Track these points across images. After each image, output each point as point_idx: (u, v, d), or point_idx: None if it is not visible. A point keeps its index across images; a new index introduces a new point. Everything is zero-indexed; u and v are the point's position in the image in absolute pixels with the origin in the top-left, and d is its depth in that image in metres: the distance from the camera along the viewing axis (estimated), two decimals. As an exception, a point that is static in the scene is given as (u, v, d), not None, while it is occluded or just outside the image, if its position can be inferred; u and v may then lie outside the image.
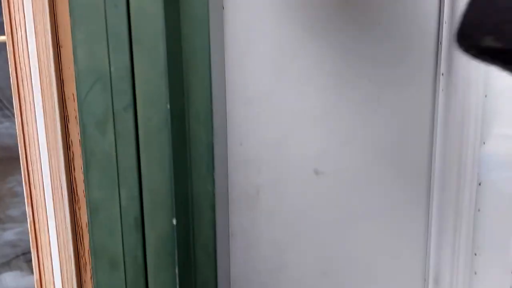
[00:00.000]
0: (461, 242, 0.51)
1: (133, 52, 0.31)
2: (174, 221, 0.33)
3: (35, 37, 0.46)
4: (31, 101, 0.47)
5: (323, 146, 0.49)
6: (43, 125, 0.48)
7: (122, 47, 0.31)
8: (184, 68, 0.34)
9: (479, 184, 0.52)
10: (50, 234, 0.50)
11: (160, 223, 0.33)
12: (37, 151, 0.49)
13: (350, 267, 0.52)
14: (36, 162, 0.49)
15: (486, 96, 0.48)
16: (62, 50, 0.47)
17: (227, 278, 0.49)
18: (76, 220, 0.51)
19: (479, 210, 0.52)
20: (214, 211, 0.37)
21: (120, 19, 0.30)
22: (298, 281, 0.52)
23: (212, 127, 0.36)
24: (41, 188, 0.49)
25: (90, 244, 0.35)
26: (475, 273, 0.53)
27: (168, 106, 0.31)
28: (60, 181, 0.49)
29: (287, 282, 0.52)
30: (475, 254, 0.53)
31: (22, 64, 0.47)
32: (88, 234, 0.51)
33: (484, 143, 0.50)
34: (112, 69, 0.31)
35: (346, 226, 0.51)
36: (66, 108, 0.48)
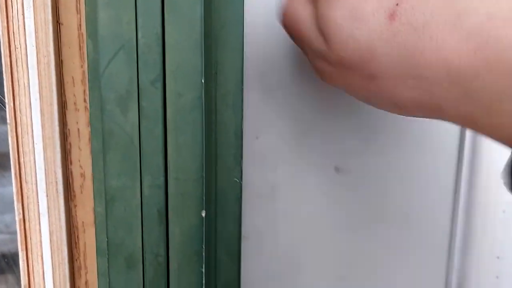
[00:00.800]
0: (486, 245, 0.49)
1: (165, 16, 0.27)
2: (203, 213, 0.29)
3: (33, 11, 0.41)
4: (26, 84, 0.42)
5: (345, 141, 0.46)
6: (39, 112, 0.43)
7: (153, 10, 0.27)
8: (213, 41, 0.30)
9: (504, 184, 0.49)
10: (42, 234, 0.44)
11: (187, 215, 0.29)
12: (30, 141, 0.43)
13: (369, 272, 0.49)
14: (29, 153, 0.43)
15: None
16: (62, 28, 0.43)
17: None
18: (71, 219, 0.46)
19: (504, 211, 0.49)
20: (241, 205, 0.33)
21: (151, -23, 0.26)
22: (313, 286, 0.48)
23: (242, 111, 0.32)
24: (34, 182, 0.44)
25: (101, 240, 0.30)
26: (497, 277, 0.50)
27: (203, 80, 0.27)
28: (56, 175, 0.44)
29: (303, 287, 0.48)
30: (498, 258, 0.50)
31: (17, 42, 0.42)
32: (83, 235, 0.46)
33: None
34: (139, 35, 0.27)
35: (367, 229, 0.48)
36: (65, 93, 0.43)
